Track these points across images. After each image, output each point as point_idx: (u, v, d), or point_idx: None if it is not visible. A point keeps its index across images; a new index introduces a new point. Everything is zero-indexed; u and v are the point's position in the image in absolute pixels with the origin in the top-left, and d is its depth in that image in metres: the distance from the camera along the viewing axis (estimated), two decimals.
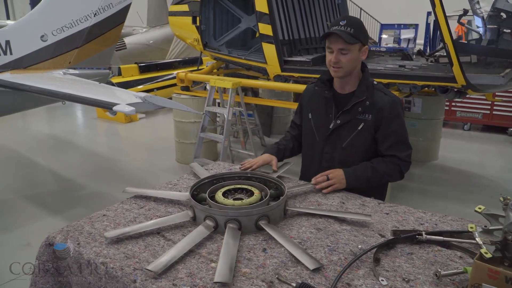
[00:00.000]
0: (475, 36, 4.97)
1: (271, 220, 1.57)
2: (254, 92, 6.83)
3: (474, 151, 6.42)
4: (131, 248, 1.43)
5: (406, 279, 1.28)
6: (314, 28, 5.51)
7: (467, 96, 4.87)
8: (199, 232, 1.48)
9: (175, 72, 8.87)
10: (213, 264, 1.35)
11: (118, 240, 1.48)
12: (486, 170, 5.45)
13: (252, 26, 5.55)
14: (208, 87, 5.02)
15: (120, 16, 5.18)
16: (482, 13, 4.06)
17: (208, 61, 6.91)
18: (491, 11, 4.00)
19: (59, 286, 1.55)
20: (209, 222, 1.54)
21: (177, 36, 6.90)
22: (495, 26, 4.08)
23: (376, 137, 2.03)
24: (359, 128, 2.02)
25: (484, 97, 6.37)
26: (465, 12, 4.56)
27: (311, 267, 1.30)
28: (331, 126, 2.08)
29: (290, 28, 5.12)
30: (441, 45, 6.11)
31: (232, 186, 1.78)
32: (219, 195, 1.69)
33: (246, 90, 6.05)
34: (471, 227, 1.26)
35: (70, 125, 8.63)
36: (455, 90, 3.94)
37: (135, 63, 8.43)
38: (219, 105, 5.74)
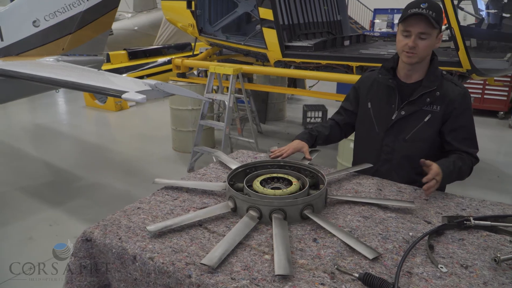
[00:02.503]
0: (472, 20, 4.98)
1: (315, 209, 1.54)
2: (249, 78, 6.76)
3: None
4: (176, 242, 1.38)
5: (464, 265, 1.26)
6: (312, 12, 5.44)
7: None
8: (245, 224, 1.44)
9: (165, 58, 8.74)
10: (266, 256, 1.31)
11: (161, 234, 1.42)
12: (481, 154, 5.49)
13: (250, 10, 5.45)
14: (208, 73, 4.91)
15: (113, 1, 5.01)
16: None
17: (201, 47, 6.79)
18: None
19: (96, 283, 1.49)
20: (253, 213, 1.49)
21: (170, 21, 6.73)
22: (497, 11, 4.09)
23: (443, 129, 1.91)
24: (425, 120, 1.90)
25: (475, 82, 6.45)
26: None
27: (370, 256, 1.27)
28: (393, 117, 1.96)
29: (290, 12, 5.04)
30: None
31: (268, 175, 1.74)
32: (257, 185, 1.64)
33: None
34: None
35: (58, 114, 8.40)
36: (458, 74, 3.96)
37: (124, 49, 8.21)
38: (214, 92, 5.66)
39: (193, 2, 5.45)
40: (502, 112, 7.02)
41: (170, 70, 8.56)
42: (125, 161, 5.44)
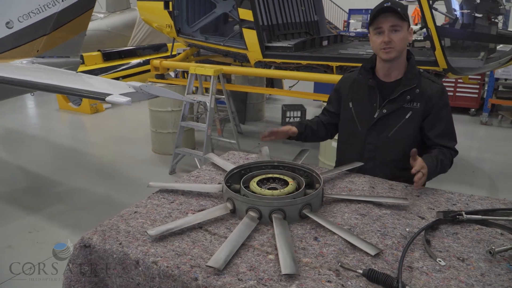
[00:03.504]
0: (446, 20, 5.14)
1: (313, 208, 1.56)
2: (227, 79, 6.75)
3: None
4: (178, 245, 1.37)
5: (461, 258, 1.31)
6: (290, 13, 5.49)
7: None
8: (246, 225, 1.45)
9: (140, 59, 8.62)
10: (270, 256, 1.32)
11: (162, 237, 1.41)
12: None
13: (228, 11, 5.45)
14: (188, 74, 4.88)
15: (89, 1, 4.90)
16: None
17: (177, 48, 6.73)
18: None
19: None
20: (252, 214, 1.50)
21: (145, 21, 6.65)
22: (470, 11, 4.24)
23: (423, 125, 1.98)
24: (407, 117, 1.96)
25: (447, 80, 6.65)
26: None
27: (372, 252, 1.30)
28: (375, 116, 2.01)
29: (269, 13, 5.07)
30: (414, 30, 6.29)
31: (263, 176, 1.75)
32: (254, 186, 1.65)
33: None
34: None
35: (30, 118, 8.16)
36: (434, 73, 4.08)
37: (98, 50, 8.04)
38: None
39: (170, 3, 5.40)
40: (473, 109, 7.27)
41: (146, 71, 8.49)
42: (104, 164, 5.34)
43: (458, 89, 7.22)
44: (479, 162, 5.33)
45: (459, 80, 6.98)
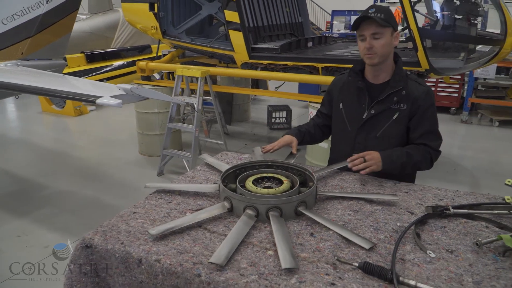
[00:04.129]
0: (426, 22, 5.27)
1: (307, 205, 1.62)
2: (212, 80, 6.77)
3: None
4: (179, 243, 1.41)
5: (450, 250, 1.39)
6: (275, 15, 5.55)
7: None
8: (244, 222, 1.49)
9: (124, 61, 8.56)
10: (269, 252, 1.37)
11: (163, 236, 1.45)
12: None
13: (214, 13, 5.48)
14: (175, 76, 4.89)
15: (74, 3, 4.87)
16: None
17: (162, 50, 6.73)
18: None
19: None
20: (250, 212, 1.55)
21: (129, 22, 6.61)
22: (450, 12, 4.37)
23: (409, 125, 2.06)
24: (394, 117, 2.05)
25: (428, 80, 6.81)
26: None
27: (367, 246, 1.36)
28: (364, 116, 2.09)
29: (254, 15, 5.12)
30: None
31: (258, 175, 1.80)
32: (250, 185, 1.70)
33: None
34: (508, 199, 1.39)
35: (13, 121, 8.03)
36: (417, 73, 4.19)
37: (82, 52, 7.96)
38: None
39: (155, 5, 5.40)
40: (454, 108, 7.46)
41: (131, 73, 8.45)
42: (90, 167, 5.31)
43: (439, 89, 7.40)
44: (461, 160, 5.49)
45: (440, 80, 7.16)
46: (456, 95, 7.36)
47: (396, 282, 1.19)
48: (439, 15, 4.33)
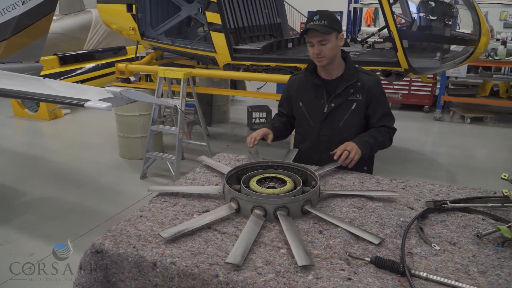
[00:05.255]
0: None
1: (312, 204, 1.66)
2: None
3: (399, 128, 7.02)
4: (192, 245, 1.42)
5: (452, 242, 1.45)
6: (255, 16, 5.58)
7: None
8: (254, 222, 1.52)
9: (99, 62, 8.39)
10: (282, 250, 1.40)
11: (174, 239, 1.45)
12: (413, 145, 6.03)
13: (193, 14, 5.46)
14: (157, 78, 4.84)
15: (50, 4, 4.76)
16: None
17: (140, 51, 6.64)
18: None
19: None
20: (258, 212, 1.57)
21: (105, 23, 6.49)
22: (426, 14, 4.52)
23: (367, 112, 2.27)
24: (352, 107, 2.24)
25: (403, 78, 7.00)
26: (396, 0, 4.97)
27: (376, 241, 1.41)
28: (325, 110, 2.26)
29: (235, 16, 5.13)
30: (372, 32, 6.61)
31: (261, 176, 1.82)
32: (254, 185, 1.72)
33: None
34: (506, 192, 1.47)
35: None
36: (396, 73, 4.32)
37: (55, 54, 7.75)
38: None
39: (134, 6, 5.33)
40: (427, 106, 7.69)
41: (105, 75, 8.30)
42: (70, 172, 5.18)
43: (412, 88, 7.62)
44: (436, 156, 5.68)
45: (413, 79, 7.36)
46: (429, 93, 7.60)
47: (408, 274, 1.24)
48: (415, 16, 4.47)
